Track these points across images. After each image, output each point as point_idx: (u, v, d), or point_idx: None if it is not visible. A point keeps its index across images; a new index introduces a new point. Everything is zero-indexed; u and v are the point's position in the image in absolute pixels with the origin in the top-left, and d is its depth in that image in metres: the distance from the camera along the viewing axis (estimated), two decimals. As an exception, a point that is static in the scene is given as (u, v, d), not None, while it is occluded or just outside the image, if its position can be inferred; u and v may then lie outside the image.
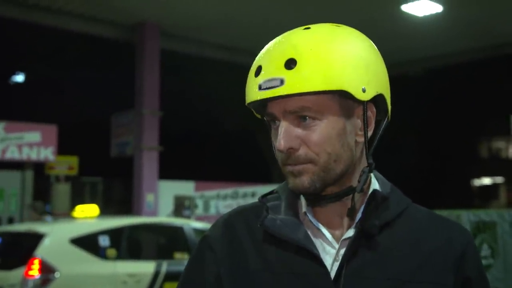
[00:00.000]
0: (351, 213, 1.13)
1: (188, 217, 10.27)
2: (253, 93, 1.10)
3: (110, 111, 12.30)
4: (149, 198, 11.12)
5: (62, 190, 11.08)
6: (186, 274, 1.22)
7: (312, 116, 1.08)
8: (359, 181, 1.12)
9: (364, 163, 1.15)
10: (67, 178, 11.43)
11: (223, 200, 12.98)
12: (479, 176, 21.12)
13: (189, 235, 7.64)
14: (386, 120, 1.19)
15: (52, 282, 6.27)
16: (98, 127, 12.57)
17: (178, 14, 11.17)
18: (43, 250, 6.36)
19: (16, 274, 6.29)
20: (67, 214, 9.86)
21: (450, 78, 15.80)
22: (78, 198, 11.23)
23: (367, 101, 1.11)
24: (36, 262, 6.26)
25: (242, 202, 12.65)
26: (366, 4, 10.40)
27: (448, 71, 15.24)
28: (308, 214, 1.15)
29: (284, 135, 1.08)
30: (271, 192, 1.23)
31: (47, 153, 10.46)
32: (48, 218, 8.70)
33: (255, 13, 11.08)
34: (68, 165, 11.32)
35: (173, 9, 10.93)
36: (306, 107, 1.07)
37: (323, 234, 1.14)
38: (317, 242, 1.13)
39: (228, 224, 1.22)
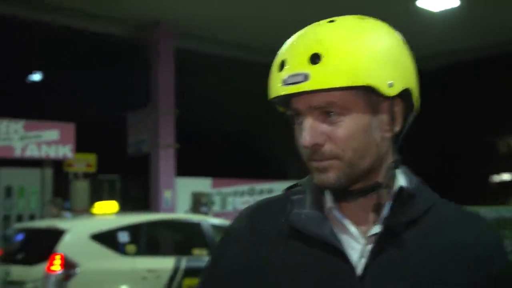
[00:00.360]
0: (377, 209, 1.12)
1: (206, 213, 10.38)
2: (277, 88, 1.09)
3: (127, 109, 12.47)
4: (166, 195, 11.26)
5: (80, 187, 11.26)
6: (209, 266, 1.22)
7: (337, 112, 1.07)
8: (385, 177, 1.12)
9: (391, 158, 1.14)
10: (86, 175, 11.62)
11: (240, 196, 13.08)
12: (498, 172, 20.98)
13: (207, 232, 7.74)
14: (413, 114, 1.17)
15: (74, 278, 6.40)
16: (115, 125, 12.73)
17: (192, 13, 11.28)
18: (64, 246, 6.48)
19: (38, 270, 6.41)
20: (86, 211, 10.02)
21: (468, 73, 15.75)
22: (96, 195, 11.36)
23: (394, 96, 1.10)
24: (58, 257, 6.37)
25: (259, 198, 12.67)
26: (380, 0, 10.41)
27: (466, 66, 15.18)
28: (333, 209, 1.14)
29: (309, 131, 1.07)
30: (295, 185, 1.22)
31: (65, 151, 10.63)
32: (68, 214, 8.86)
33: (270, 10, 11.15)
34: (86, 162, 11.48)
35: (187, 8, 11.03)
36: (331, 102, 1.07)
37: (349, 230, 1.12)
38: (343, 238, 1.11)
39: (252, 217, 1.21)
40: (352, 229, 1.12)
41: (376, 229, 1.11)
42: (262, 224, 1.18)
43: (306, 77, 1.04)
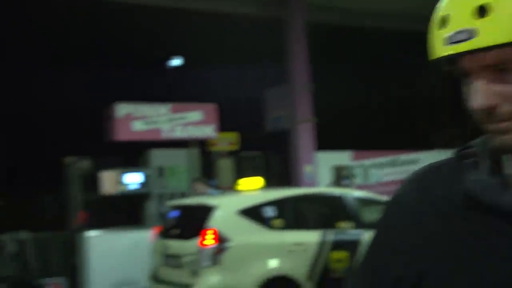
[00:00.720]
0: None
1: (348, 186, 10.33)
2: (440, 48, 0.98)
3: (265, 86, 12.72)
4: (307, 169, 11.36)
5: (225, 165, 11.72)
6: (375, 239, 1.15)
7: None
8: None
9: None
10: (229, 154, 12.06)
11: (383, 168, 12.84)
12: None
13: (350, 204, 7.71)
14: None
15: (225, 251, 6.71)
16: (254, 103, 13.02)
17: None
18: (215, 222, 6.80)
19: (192, 244, 6.80)
20: (231, 188, 10.41)
21: None
22: (239, 172, 11.74)
23: None
24: (211, 232, 6.70)
25: (402, 170, 12.43)
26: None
27: None
28: None
29: (481, 92, 0.96)
30: (466, 147, 1.10)
31: (209, 131, 11.08)
32: (213, 191, 9.27)
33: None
34: (228, 141, 11.90)
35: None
36: (504, 59, 0.94)
37: None
38: None
39: (420, 183, 1.12)
40: None
41: None
42: (432, 192, 1.09)
43: (473, 33, 0.93)
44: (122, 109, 10.50)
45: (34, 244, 10.03)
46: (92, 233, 9.59)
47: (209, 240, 6.73)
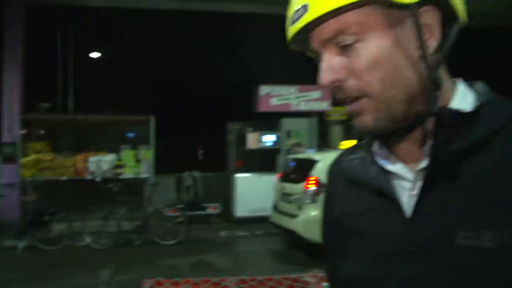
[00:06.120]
0: (425, 141, 0.83)
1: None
2: (288, 30, 0.84)
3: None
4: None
5: (336, 131, 12.76)
6: (325, 193, 1.08)
7: (352, 39, 0.78)
8: (426, 103, 0.80)
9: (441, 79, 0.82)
10: (340, 122, 12.77)
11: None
12: None
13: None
14: (458, 23, 0.82)
15: (322, 193, 7.38)
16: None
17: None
18: (317, 171, 7.44)
19: (300, 186, 7.62)
20: (337, 148, 11.45)
21: None
22: (347, 136, 12.22)
23: (421, 3, 0.77)
24: (313, 179, 7.41)
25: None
26: None
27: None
28: (377, 150, 0.90)
29: (325, 68, 0.80)
30: None
31: (325, 105, 12.17)
32: (309, 151, 10.34)
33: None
34: (340, 113, 12.65)
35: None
36: (341, 29, 0.78)
37: (397, 169, 0.86)
38: (393, 180, 0.86)
39: (330, 168, 1.05)
40: (400, 168, 0.86)
41: (425, 163, 0.82)
42: (332, 174, 1.04)
43: (306, 8, 0.79)
44: (264, 90, 11.88)
45: (202, 180, 11.50)
46: (240, 175, 10.96)
47: (311, 184, 7.33)
